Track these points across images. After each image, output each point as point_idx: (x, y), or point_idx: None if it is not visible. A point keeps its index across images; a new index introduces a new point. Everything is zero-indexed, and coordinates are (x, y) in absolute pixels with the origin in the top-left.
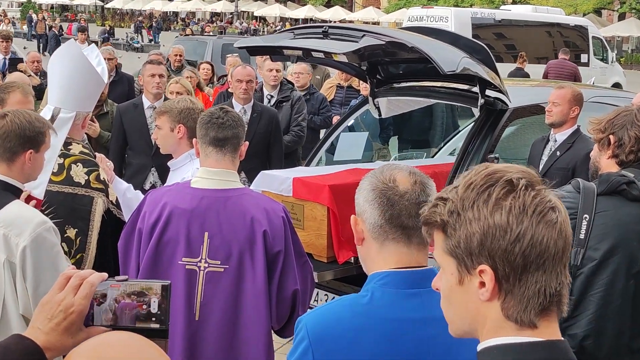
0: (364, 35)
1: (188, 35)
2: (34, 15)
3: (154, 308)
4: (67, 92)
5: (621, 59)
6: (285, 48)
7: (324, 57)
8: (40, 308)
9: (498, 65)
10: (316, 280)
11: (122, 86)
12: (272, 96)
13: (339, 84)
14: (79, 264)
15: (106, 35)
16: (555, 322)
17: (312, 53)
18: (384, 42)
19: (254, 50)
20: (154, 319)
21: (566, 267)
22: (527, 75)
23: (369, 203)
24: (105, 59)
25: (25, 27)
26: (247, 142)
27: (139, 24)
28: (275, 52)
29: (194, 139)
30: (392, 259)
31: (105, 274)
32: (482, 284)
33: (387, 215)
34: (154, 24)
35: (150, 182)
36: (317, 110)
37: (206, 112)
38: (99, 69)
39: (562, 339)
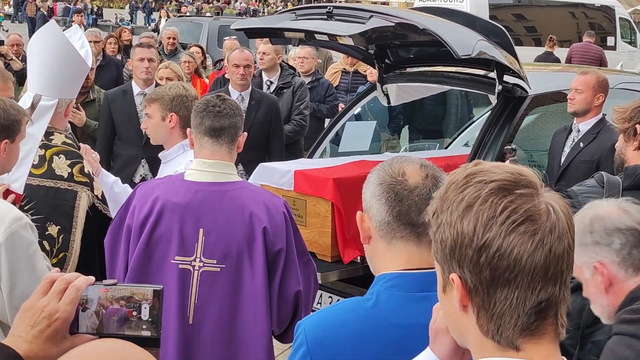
0: (371, 16)
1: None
2: None
3: (145, 315)
4: (48, 78)
5: None
6: (286, 30)
7: (327, 39)
8: (21, 314)
9: (517, 49)
10: (319, 282)
11: (110, 71)
12: (271, 82)
13: (344, 69)
14: (61, 264)
15: (94, 16)
16: (551, 344)
17: (315, 35)
18: (393, 24)
19: (253, 33)
20: (144, 326)
21: (558, 284)
22: (557, 60)
23: (376, 198)
24: (90, 41)
25: (6, 8)
26: (245, 133)
27: (135, 5)
28: (275, 35)
29: (188, 129)
30: (400, 259)
31: (92, 278)
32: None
33: (395, 211)
34: (148, 3)
35: (141, 175)
36: (322, 98)
37: (201, 99)
38: (82, 52)
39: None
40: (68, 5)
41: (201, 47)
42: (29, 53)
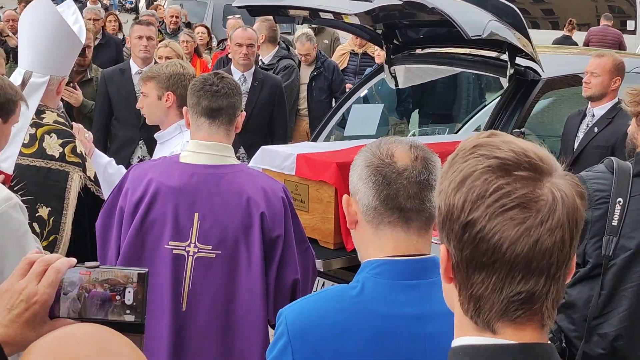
0: None
1: None
2: None
3: (129, 299)
4: (39, 54)
5: None
6: (290, 8)
7: (333, 18)
8: None
9: (535, 32)
10: (322, 269)
11: (109, 50)
12: (263, 62)
13: (353, 50)
14: (51, 247)
15: None
16: (535, 331)
17: (320, 13)
18: (401, 2)
19: (255, 10)
20: (128, 311)
21: (543, 277)
22: (575, 44)
23: (363, 181)
24: (89, 19)
25: None
26: (244, 113)
27: None
28: (279, 13)
29: (184, 108)
30: (388, 246)
31: (74, 260)
32: None
33: (383, 195)
34: None
35: (138, 157)
36: (330, 81)
37: (198, 78)
38: (75, 27)
39: (547, 342)
40: None
41: (207, 27)
42: (19, 28)
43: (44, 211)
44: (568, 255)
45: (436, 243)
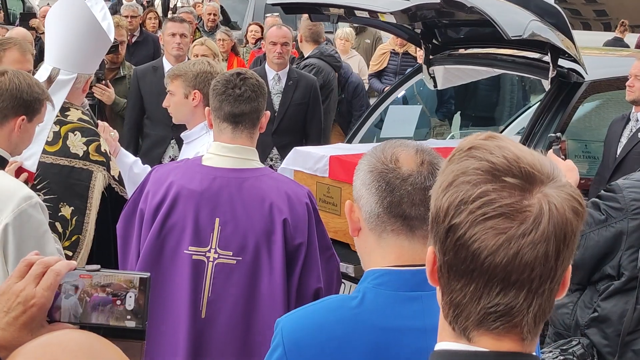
0: None
1: None
2: None
3: (130, 304)
4: (67, 51)
5: None
6: (325, 5)
7: (368, 17)
8: None
9: (586, 33)
10: (352, 274)
11: (146, 48)
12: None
13: (393, 50)
14: (74, 247)
15: None
16: (513, 342)
17: (355, 12)
18: (438, 1)
19: (290, 8)
20: (129, 316)
21: (524, 292)
22: (627, 47)
23: (366, 187)
24: (127, 16)
25: None
26: (268, 112)
27: None
28: (314, 10)
29: (207, 109)
30: (391, 255)
31: (74, 263)
32: None
33: (386, 202)
34: None
35: (170, 156)
36: (350, 96)
37: (220, 78)
38: (104, 24)
39: (528, 354)
40: None
41: (261, 27)
42: (47, 24)
43: (66, 210)
44: (553, 271)
45: None
